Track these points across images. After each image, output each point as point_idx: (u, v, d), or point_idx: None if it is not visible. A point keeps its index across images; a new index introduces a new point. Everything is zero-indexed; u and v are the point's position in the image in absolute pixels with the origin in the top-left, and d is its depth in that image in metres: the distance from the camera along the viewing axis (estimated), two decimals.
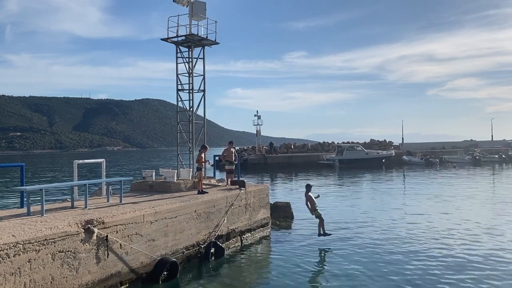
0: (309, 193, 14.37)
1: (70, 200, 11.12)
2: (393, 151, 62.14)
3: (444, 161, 59.58)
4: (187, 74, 16.75)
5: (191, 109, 16.76)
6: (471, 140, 78.32)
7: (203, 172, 14.35)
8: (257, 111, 62.72)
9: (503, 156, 62.76)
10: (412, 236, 14.61)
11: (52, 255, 7.67)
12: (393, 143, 71.80)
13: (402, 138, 73.69)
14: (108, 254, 8.86)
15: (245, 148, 71.99)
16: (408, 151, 64.81)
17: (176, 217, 11.04)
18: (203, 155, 14.07)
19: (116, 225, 9.20)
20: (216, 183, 16.21)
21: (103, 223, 8.88)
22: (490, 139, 78.04)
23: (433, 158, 59.21)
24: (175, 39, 16.44)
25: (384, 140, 71.72)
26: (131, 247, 9.48)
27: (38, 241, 7.44)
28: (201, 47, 16.95)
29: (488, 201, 23.19)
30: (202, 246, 11.89)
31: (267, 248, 13.76)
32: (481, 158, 60.22)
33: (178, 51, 16.75)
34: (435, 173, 44.85)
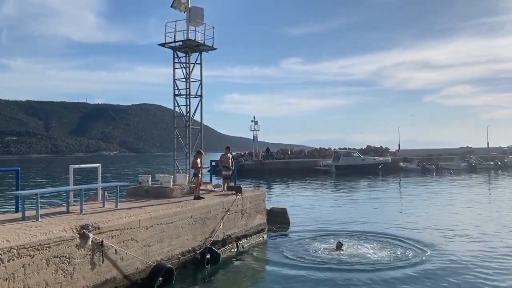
0: None
1: (65, 205, 11.07)
2: (389, 158, 62.25)
3: (440, 168, 59.76)
4: (184, 80, 16.76)
5: (188, 114, 16.77)
6: (467, 147, 78.61)
7: (200, 178, 14.30)
8: (254, 116, 62.74)
9: (499, 163, 63.07)
10: (414, 241, 14.61)
11: (46, 260, 7.62)
12: (389, 149, 71.96)
13: (399, 144, 73.89)
14: (103, 259, 8.81)
15: (242, 153, 71.87)
16: (405, 157, 64.92)
17: (172, 222, 11.01)
18: (198, 160, 14.02)
19: (112, 230, 9.16)
20: (213, 189, 16.17)
21: (99, 228, 8.84)
22: (486, 146, 78.43)
23: (429, 165, 59.34)
24: (173, 44, 16.45)
25: (381, 146, 71.90)
26: (126, 253, 9.43)
27: (33, 246, 7.40)
28: (198, 53, 16.98)
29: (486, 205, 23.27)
30: (198, 252, 11.85)
31: (263, 254, 13.70)
32: (477, 165, 60.49)
33: (176, 56, 16.77)
34: (431, 179, 44.94)
